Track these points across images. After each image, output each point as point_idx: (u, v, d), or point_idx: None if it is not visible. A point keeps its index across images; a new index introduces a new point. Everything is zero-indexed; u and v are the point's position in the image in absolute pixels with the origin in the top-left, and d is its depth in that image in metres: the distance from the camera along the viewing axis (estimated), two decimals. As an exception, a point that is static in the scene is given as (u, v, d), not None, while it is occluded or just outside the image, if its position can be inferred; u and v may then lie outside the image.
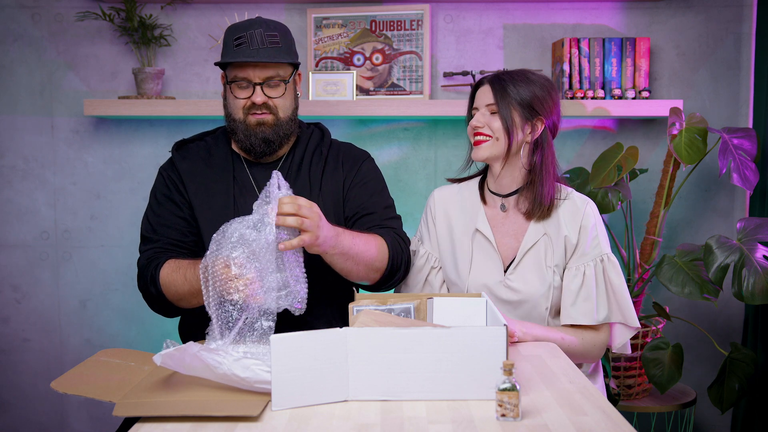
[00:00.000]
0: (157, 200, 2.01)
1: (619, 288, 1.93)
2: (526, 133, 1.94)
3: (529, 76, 1.95)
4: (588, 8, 2.88)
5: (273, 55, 1.88)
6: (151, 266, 1.90)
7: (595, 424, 1.28)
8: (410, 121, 2.92)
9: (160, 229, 1.96)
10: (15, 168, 2.91)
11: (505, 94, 1.92)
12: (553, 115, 1.96)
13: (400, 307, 1.70)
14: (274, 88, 1.91)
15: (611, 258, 1.94)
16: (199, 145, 2.05)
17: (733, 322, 2.96)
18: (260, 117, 1.92)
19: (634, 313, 1.95)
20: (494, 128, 1.93)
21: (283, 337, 1.34)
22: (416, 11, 2.82)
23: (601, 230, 1.97)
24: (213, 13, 2.86)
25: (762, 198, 2.76)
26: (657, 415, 2.88)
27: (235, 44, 1.89)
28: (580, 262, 1.93)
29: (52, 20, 2.86)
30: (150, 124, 2.90)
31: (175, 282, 1.84)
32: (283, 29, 1.94)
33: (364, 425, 1.28)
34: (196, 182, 1.98)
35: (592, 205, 1.98)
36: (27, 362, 2.97)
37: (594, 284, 1.91)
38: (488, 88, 1.95)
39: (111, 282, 2.94)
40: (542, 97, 1.93)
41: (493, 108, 1.93)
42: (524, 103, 1.92)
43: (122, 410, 1.35)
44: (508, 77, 1.95)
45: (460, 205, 2.05)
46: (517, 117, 1.92)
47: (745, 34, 2.89)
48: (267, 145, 1.94)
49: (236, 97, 1.92)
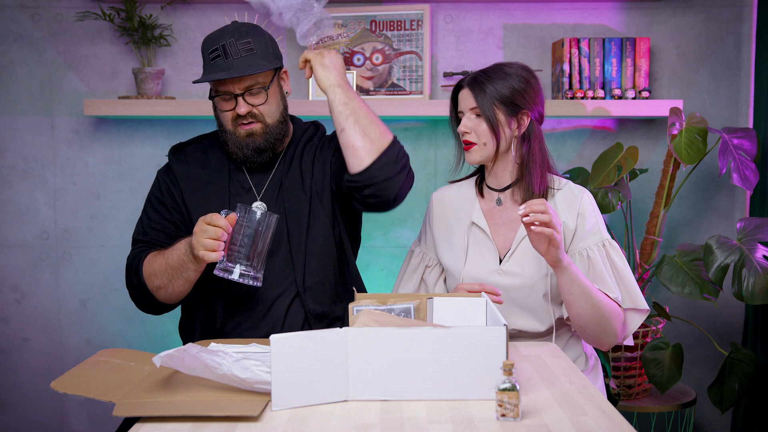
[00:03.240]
0: (150, 204, 2.03)
1: (625, 272, 1.93)
2: (513, 129, 1.95)
3: (505, 69, 1.96)
4: (588, 8, 2.88)
5: (247, 65, 1.86)
6: (135, 260, 1.92)
7: (595, 424, 1.28)
8: (410, 121, 2.92)
9: (150, 231, 1.98)
10: (15, 168, 2.91)
11: (485, 95, 1.92)
12: (537, 105, 1.97)
13: (400, 307, 1.70)
14: (256, 96, 1.90)
15: (613, 243, 1.95)
16: (196, 147, 2.06)
17: (733, 322, 2.96)
18: (249, 127, 1.91)
19: (641, 295, 1.94)
20: (480, 132, 1.94)
21: (283, 337, 1.34)
22: (416, 11, 2.82)
23: (600, 218, 1.97)
24: (213, 13, 2.86)
25: (762, 198, 2.76)
26: (657, 415, 2.88)
27: (210, 58, 1.88)
28: (581, 246, 1.93)
29: (52, 20, 2.86)
30: (150, 124, 2.90)
31: (153, 264, 1.86)
32: (256, 32, 1.91)
33: (364, 425, 1.28)
34: (192, 185, 1.99)
35: (588, 194, 1.99)
36: (27, 362, 2.97)
37: (602, 265, 1.91)
38: (468, 92, 1.96)
39: (111, 282, 2.94)
40: (522, 89, 1.94)
41: (477, 111, 1.94)
42: (506, 100, 1.92)
43: (122, 410, 1.35)
44: (484, 77, 1.95)
45: (458, 202, 2.07)
46: (501, 115, 1.93)
47: (745, 34, 2.89)
48: (259, 154, 1.95)
49: (222, 110, 1.93)
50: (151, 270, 1.87)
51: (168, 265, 1.83)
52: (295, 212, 1.96)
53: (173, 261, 1.82)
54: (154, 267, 1.87)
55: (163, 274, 1.85)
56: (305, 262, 1.94)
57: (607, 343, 1.91)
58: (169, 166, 2.04)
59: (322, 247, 1.96)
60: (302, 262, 1.93)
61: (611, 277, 1.91)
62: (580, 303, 1.83)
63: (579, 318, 1.86)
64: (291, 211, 1.96)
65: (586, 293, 1.83)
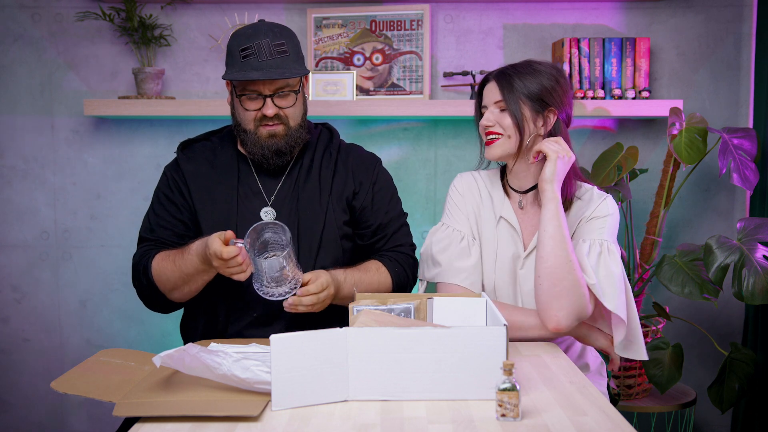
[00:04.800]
0: (158, 200, 2.00)
1: (617, 277, 1.81)
2: (539, 126, 1.89)
3: (535, 66, 1.91)
4: (588, 8, 2.88)
5: (283, 68, 1.85)
6: (144, 260, 1.90)
7: (595, 424, 1.28)
8: (410, 121, 2.92)
9: (157, 229, 1.96)
10: (15, 168, 2.91)
11: (512, 89, 1.87)
12: (565, 105, 1.91)
13: (400, 307, 1.70)
14: (285, 98, 1.89)
15: (612, 249, 1.86)
16: (205, 145, 2.03)
17: (733, 322, 2.96)
18: (272, 129, 1.90)
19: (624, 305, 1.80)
20: (505, 125, 1.88)
21: (283, 337, 1.34)
22: (416, 11, 2.82)
23: (612, 224, 1.89)
24: (213, 13, 2.86)
25: (762, 198, 2.76)
26: (657, 415, 2.88)
27: (242, 56, 1.85)
28: (578, 235, 1.88)
29: (52, 20, 2.86)
30: (150, 124, 2.90)
31: (165, 270, 1.84)
32: (288, 34, 1.90)
33: (364, 425, 1.28)
34: (200, 184, 1.97)
35: (609, 201, 1.92)
36: (27, 362, 2.97)
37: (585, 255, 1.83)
38: (494, 85, 1.90)
39: (111, 282, 2.94)
40: (551, 87, 1.88)
41: (502, 105, 1.89)
42: (533, 95, 1.87)
43: (122, 410, 1.35)
44: (513, 71, 1.90)
45: (481, 193, 2.00)
46: (527, 111, 1.88)
47: (745, 34, 2.89)
48: (279, 156, 1.93)
49: (246, 109, 1.89)
50: (162, 274, 1.86)
51: (182, 272, 1.82)
52: (309, 226, 1.95)
53: (188, 269, 1.80)
54: (166, 272, 1.85)
55: (177, 280, 1.84)
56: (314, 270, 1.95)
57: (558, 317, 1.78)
58: (177, 162, 2.02)
59: (333, 259, 1.96)
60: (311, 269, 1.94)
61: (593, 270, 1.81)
62: (547, 245, 1.78)
63: (541, 263, 1.79)
64: (304, 221, 1.95)
65: (559, 238, 1.77)
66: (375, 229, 2.01)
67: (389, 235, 2.02)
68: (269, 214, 1.95)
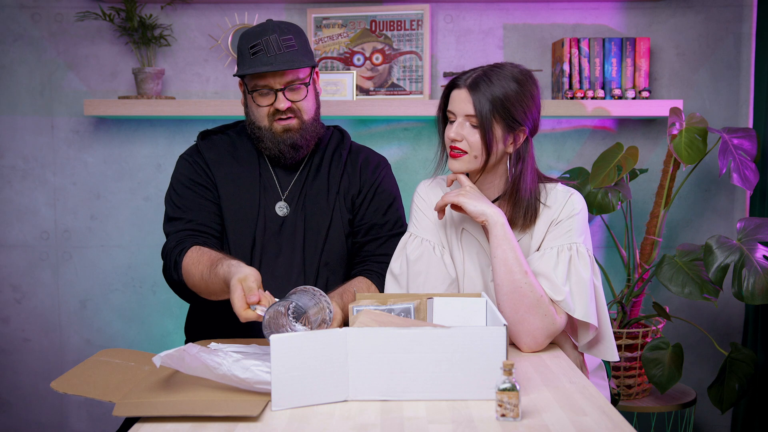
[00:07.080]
0: (182, 183, 1.98)
1: (584, 282, 1.75)
2: (508, 145, 1.81)
3: (510, 77, 1.78)
4: (588, 8, 2.88)
5: (291, 60, 1.87)
6: (176, 251, 1.88)
7: (595, 424, 1.28)
8: (410, 121, 2.92)
9: (187, 210, 1.94)
10: (15, 168, 2.91)
11: (488, 106, 1.75)
12: (536, 119, 1.82)
13: (400, 307, 1.70)
14: (296, 92, 1.91)
15: (581, 251, 1.78)
16: (223, 138, 2.05)
17: (733, 322, 2.96)
18: (286, 123, 1.91)
19: (594, 311, 1.76)
20: (473, 143, 1.78)
21: (283, 337, 1.34)
22: (416, 11, 2.82)
23: (580, 220, 1.82)
24: (213, 13, 2.86)
25: (762, 198, 2.76)
26: (657, 415, 2.88)
27: (251, 53, 1.87)
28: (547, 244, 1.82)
29: (52, 20, 2.86)
30: (150, 124, 2.90)
31: (193, 277, 1.82)
32: (296, 30, 1.93)
33: (364, 425, 1.28)
34: (224, 172, 1.98)
35: (576, 197, 1.85)
36: (27, 362, 2.97)
37: (552, 265, 1.76)
38: (467, 96, 1.77)
39: (111, 282, 2.94)
40: (527, 105, 1.78)
41: (474, 121, 1.77)
42: (508, 115, 1.76)
43: (122, 410, 1.35)
44: (485, 84, 1.76)
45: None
46: (499, 130, 1.77)
47: (745, 34, 2.89)
48: (295, 150, 1.95)
49: (259, 105, 1.92)
50: (189, 278, 1.83)
51: (209, 287, 1.77)
52: (315, 222, 1.96)
53: (214, 287, 1.74)
54: (194, 279, 1.81)
55: (204, 290, 1.81)
56: (318, 272, 1.95)
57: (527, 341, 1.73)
58: (198, 149, 2.02)
59: (338, 257, 1.97)
60: (315, 272, 1.95)
61: (561, 280, 1.74)
62: (499, 271, 1.73)
63: (499, 290, 1.74)
64: (310, 220, 1.96)
65: (511, 260, 1.72)
66: (368, 228, 2.01)
67: (383, 239, 2.01)
68: (283, 209, 1.96)
